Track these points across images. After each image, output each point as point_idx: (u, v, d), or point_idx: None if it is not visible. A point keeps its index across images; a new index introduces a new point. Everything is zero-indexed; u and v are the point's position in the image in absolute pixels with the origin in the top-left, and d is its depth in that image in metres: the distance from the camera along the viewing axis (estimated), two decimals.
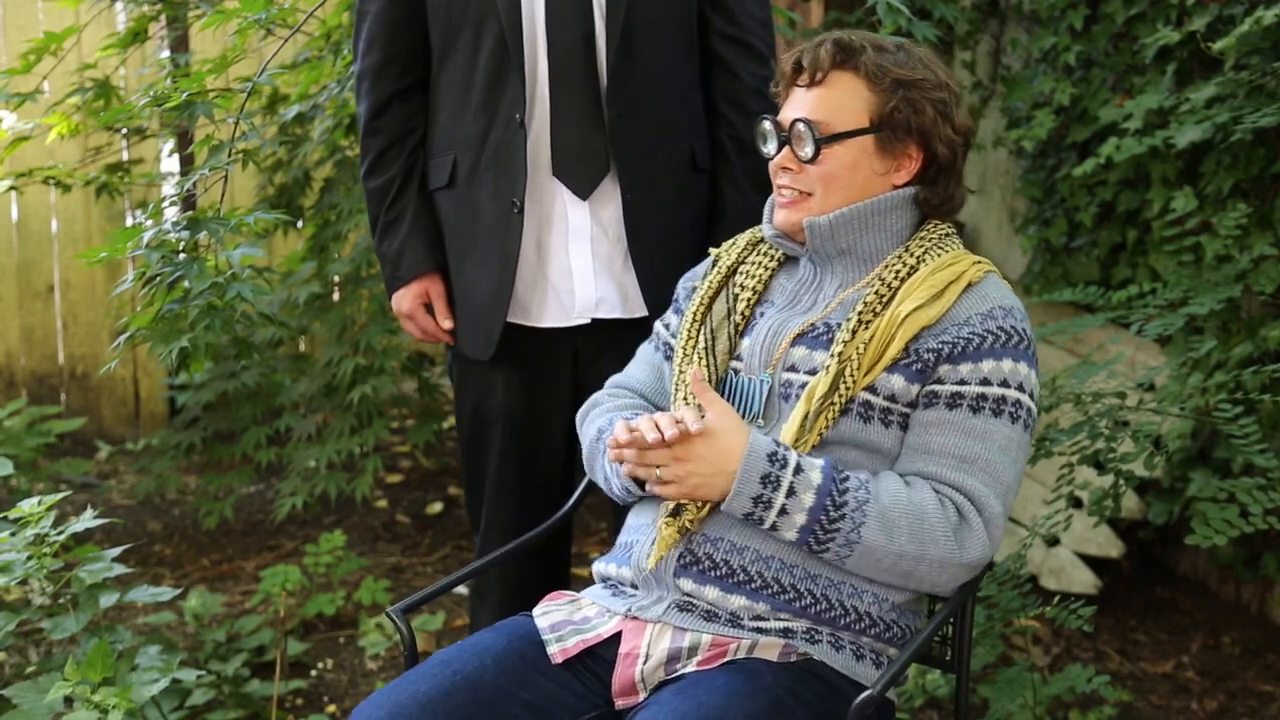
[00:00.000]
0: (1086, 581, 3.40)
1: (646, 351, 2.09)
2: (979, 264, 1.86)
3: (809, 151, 1.85)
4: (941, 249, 1.87)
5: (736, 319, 1.93)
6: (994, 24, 4.28)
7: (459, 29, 2.31)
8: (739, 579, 1.79)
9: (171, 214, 3.18)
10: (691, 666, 1.74)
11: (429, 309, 2.43)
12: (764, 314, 1.92)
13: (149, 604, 3.34)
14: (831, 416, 1.78)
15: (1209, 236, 3.15)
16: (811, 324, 1.86)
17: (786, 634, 1.77)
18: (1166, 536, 3.57)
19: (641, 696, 1.76)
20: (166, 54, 4.22)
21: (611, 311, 2.33)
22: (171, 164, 4.28)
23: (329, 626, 3.44)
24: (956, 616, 1.92)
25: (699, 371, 1.84)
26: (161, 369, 4.55)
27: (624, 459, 1.79)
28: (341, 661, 3.28)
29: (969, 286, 1.83)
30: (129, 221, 4.68)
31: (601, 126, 2.27)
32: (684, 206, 2.37)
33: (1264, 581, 3.35)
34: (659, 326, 2.09)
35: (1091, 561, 3.47)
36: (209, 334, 2.40)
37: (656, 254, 2.32)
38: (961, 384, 1.78)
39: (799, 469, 1.73)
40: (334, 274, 3.67)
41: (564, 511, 2.23)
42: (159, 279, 2.40)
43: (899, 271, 1.84)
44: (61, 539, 2.30)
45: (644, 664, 1.77)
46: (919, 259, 1.85)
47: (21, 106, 3.39)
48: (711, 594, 1.79)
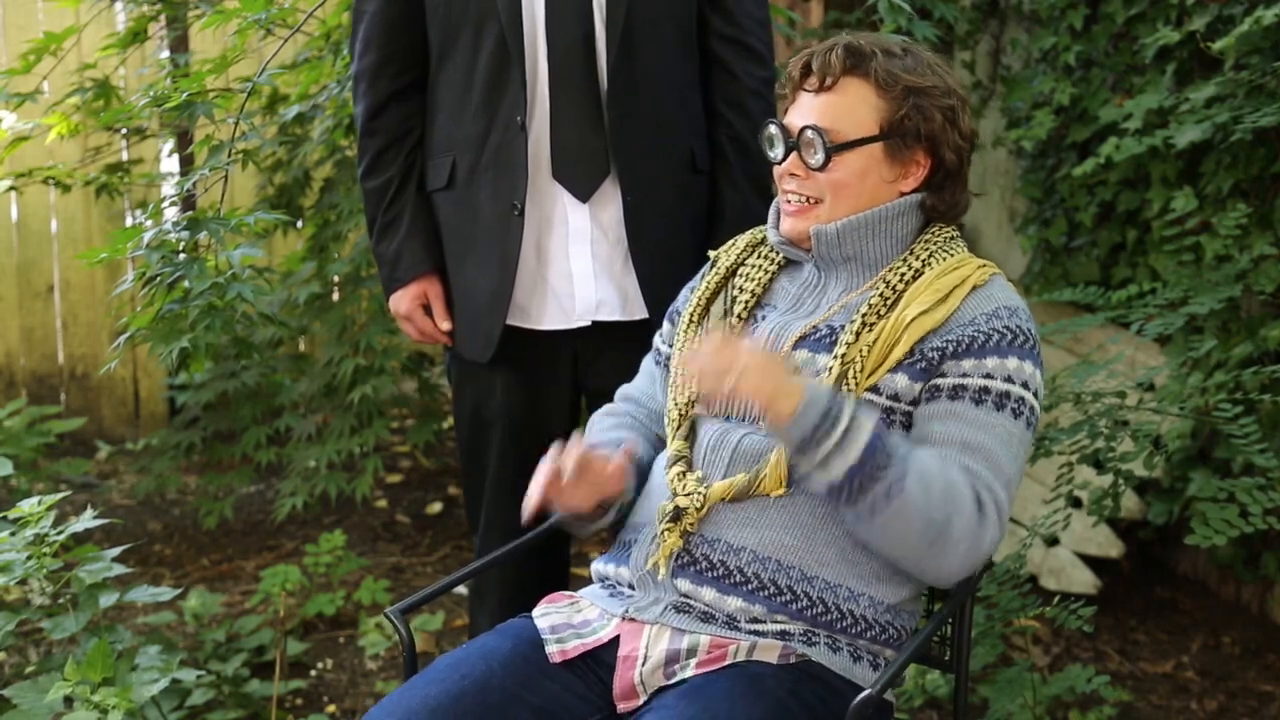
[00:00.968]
0: (1086, 581, 3.40)
1: (647, 362, 2.10)
2: (984, 267, 1.85)
3: (819, 159, 1.83)
4: (947, 252, 1.86)
5: (733, 320, 1.93)
6: (994, 24, 4.27)
7: (458, 29, 2.30)
8: (735, 580, 1.78)
9: (171, 214, 3.18)
10: (690, 668, 1.74)
11: (427, 310, 2.42)
12: (765, 317, 1.92)
13: (149, 604, 3.34)
14: None
15: (1209, 236, 3.14)
16: (814, 326, 1.85)
17: (783, 636, 1.76)
18: (1166, 536, 3.57)
19: (642, 699, 1.76)
20: (166, 54, 4.22)
21: (612, 314, 2.33)
22: (171, 164, 4.28)
23: (329, 626, 3.44)
24: (955, 617, 1.92)
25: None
26: (161, 369, 4.55)
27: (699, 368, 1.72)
28: (341, 661, 3.28)
29: (974, 289, 1.82)
30: (129, 221, 4.68)
31: (602, 128, 2.26)
32: (684, 207, 2.37)
33: (1264, 581, 3.35)
34: (656, 340, 2.09)
35: (1091, 561, 3.47)
36: (209, 334, 2.41)
37: (656, 255, 2.31)
38: (964, 377, 1.77)
39: (855, 408, 1.70)
40: (334, 274, 3.67)
41: None
42: (159, 279, 2.40)
43: (904, 274, 1.84)
44: (61, 539, 2.30)
45: (642, 666, 1.76)
46: (924, 262, 1.84)
47: (21, 106, 3.39)
48: (708, 595, 1.79)
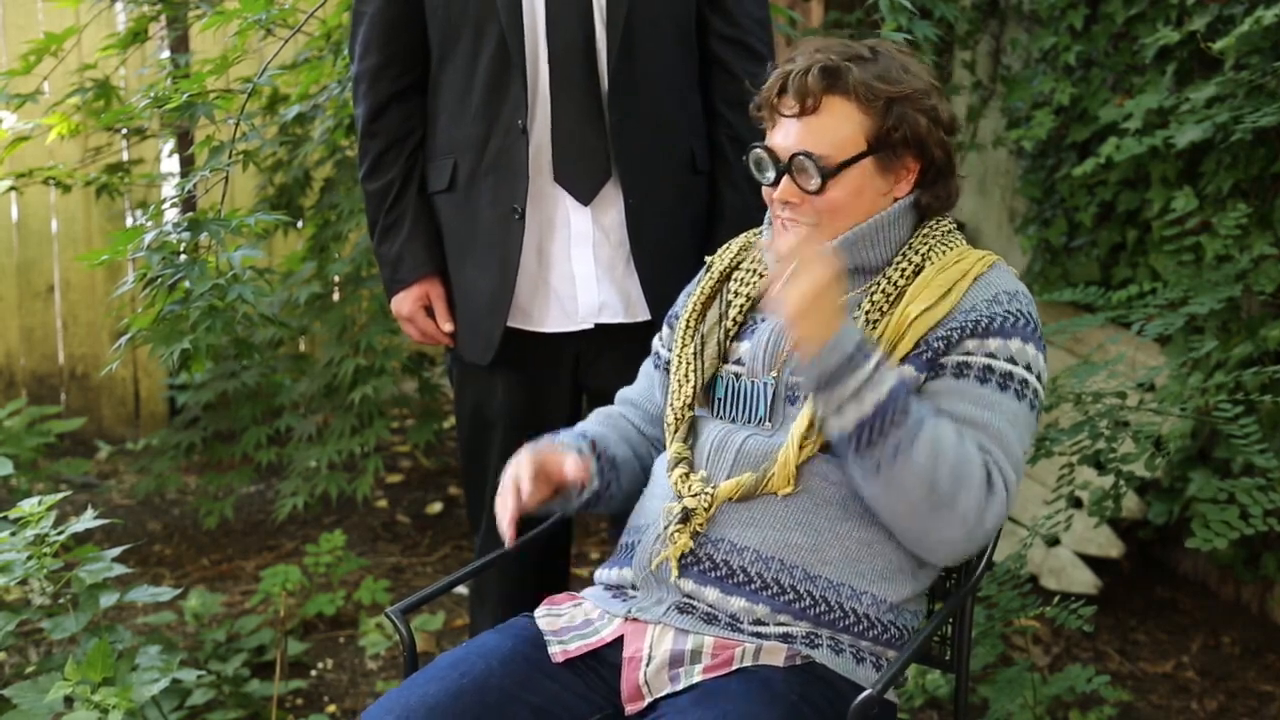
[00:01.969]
0: (1086, 581, 3.40)
1: (647, 366, 2.10)
2: (984, 258, 1.85)
3: (815, 183, 1.82)
4: (946, 246, 1.86)
5: (728, 324, 1.93)
6: (994, 24, 4.28)
7: (458, 30, 2.29)
8: (739, 580, 1.78)
9: (172, 215, 3.18)
10: (697, 672, 1.74)
11: (429, 312, 2.42)
12: (765, 318, 1.91)
13: (149, 604, 3.34)
14: None
15: (1209, 236, 3.14)
16: None
17: (787, 639, 1.76)
18: (1166, 536, 3.57)
19: (647, 700, 1.76)
20: (166, 54, 4.22)
21: (615, 316, 2.32)
22: (172, 164, 4.27)
23: (329, 626, 3.44)
24: (956, 616, 1.92)
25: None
26: (162, 369, 4.55)
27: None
28: (341, 661, 3.28)
29: (976, 280, 1.82)
30: (129, 222, 4.68)
31: (603, 130, 2.26)
32: (684, 207, 2.37)
33: (1264, 581, 3.35)
34: (655, 344, 2.09)
35: (1091, 561, 3.47)
36: (210, 335, 2.41)
37: (657, 256, 2.31)
38: (968, 355, 1.77)
39: (883, 361, 1.71)
40: (334, 274, 3.67)
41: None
42: (160, 280, 2.40)
43: (905, 270, 1.84)
44: (61, 539, 2.30)
45: (646, 666, 1.76)
46: (924, 257, 1.84)
47: (21, 107, 3.39)
48: (712, 595, 1.79)
